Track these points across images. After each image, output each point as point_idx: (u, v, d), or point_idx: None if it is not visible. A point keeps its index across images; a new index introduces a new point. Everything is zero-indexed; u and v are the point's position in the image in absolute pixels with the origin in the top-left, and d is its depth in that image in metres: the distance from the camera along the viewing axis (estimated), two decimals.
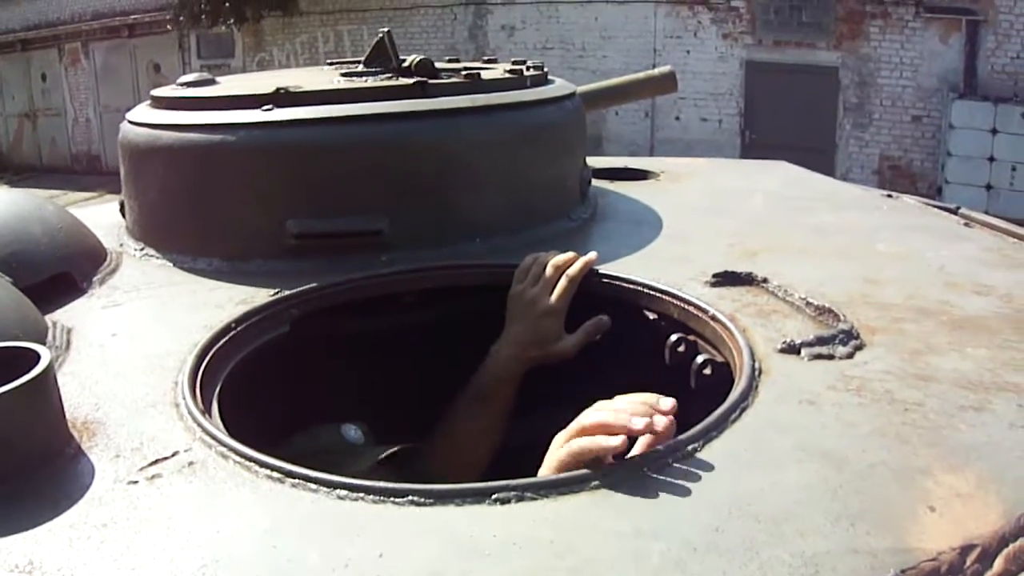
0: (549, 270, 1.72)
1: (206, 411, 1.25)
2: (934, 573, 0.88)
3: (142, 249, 1.97)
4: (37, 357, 1.08)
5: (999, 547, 0.92)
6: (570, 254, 1.74)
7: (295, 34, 16.93)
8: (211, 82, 2.14)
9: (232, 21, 16.25)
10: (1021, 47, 11.73)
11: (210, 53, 17.90)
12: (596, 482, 1.03)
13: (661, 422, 1.10)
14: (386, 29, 2.20)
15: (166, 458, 1.11)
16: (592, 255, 1.75)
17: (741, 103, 13.70)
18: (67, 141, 20.93)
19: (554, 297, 1.69)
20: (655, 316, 1.66)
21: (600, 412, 1.15)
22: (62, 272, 1.74)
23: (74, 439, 1.15)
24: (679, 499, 1.00)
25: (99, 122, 19.87)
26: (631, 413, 1.11)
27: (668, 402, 1.13)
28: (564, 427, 1.19)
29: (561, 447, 1.14)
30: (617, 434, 1.08)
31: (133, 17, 18.60)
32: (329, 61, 2.53)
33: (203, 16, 16.29)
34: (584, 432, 1.13)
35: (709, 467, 1.06)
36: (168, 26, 17.18)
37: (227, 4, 15.93)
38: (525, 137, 2.02)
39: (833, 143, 13.09)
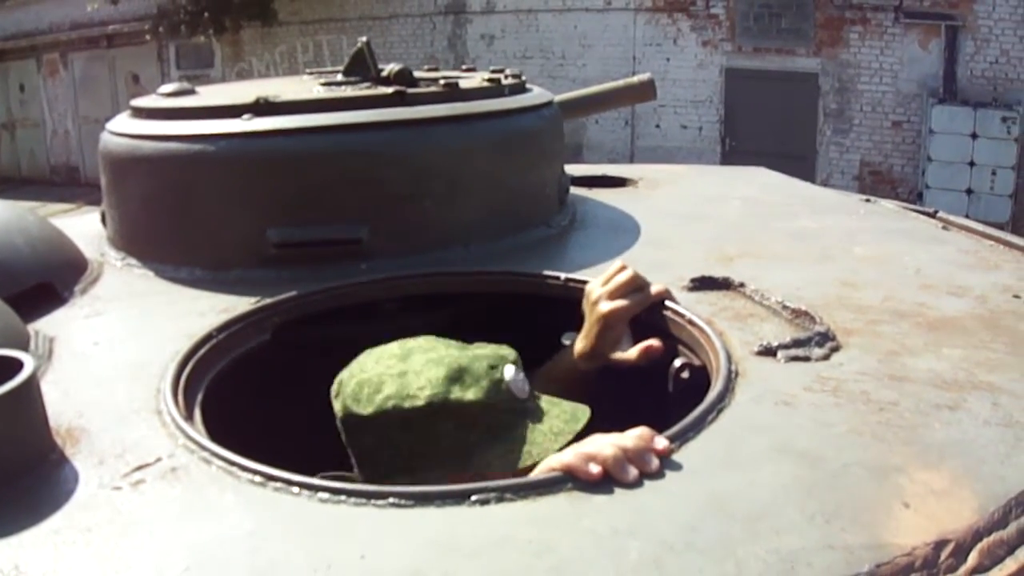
0: (626, 276, 1.60)
1: (189, 417, 1.26)
2: (908, 568, 0.89)
3: (123, 259, 1.97)
4: (20, 365, 1.08)
5: (973, 542, 0.94)
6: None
7: (274, 44, 16.86)
8: (191, 92, 2.15)
9: (211, 31, 16.19)
10: (1000, 52, 11.78)
11: (189, 63, 17.80)
12: (573, 483, 1.04)
13: (654, 464, 1.07)
14: (365, 39, 2.21)
15: (149, 464, 1.12)
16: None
17: (721, 110, 13.70)
18: (45, 152, 20.76)
19: (615, 303, 1.57)
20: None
21: (598, 447, 1.09)
22: (44, 282, 1.74)
23: (57, 446, 1.15)
24: (656, 498, 1.01)
25: (78, 133, 19.69)
26: (626, 450, 1.07)
27: (662, 442, 1.11)
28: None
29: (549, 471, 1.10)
30: (605, 473, 1.05)
31: (112, 27, 18.47)
32: (309, 71, 2.54)
33: (182, 26, 16.21)
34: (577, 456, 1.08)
35: (686, 467, 1.08)
36: (147, 36, 17.09)
37: (206, 14, 15.87)
38: (503, 145, 2.04)
39: (814, 149, 13.10)
